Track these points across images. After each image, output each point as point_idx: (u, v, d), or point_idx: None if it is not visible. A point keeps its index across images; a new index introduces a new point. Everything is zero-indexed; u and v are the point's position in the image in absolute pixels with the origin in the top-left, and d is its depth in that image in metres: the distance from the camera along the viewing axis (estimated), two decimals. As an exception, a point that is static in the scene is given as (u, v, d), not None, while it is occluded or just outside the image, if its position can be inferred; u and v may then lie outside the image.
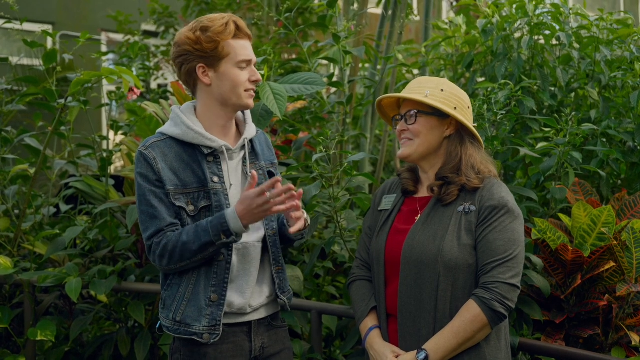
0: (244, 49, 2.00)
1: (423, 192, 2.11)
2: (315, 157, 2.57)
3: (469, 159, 2.03)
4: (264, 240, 2.09)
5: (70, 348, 3.35)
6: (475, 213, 1.97)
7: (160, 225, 1.95)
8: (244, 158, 2.08)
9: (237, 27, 1.99)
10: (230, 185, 2.03)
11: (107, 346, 3.16)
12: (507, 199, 1.98)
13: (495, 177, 2.06)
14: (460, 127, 2.05)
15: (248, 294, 2.03)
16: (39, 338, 2.92)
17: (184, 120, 2.01)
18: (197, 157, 2.00)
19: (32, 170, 3.33)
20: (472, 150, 2.05)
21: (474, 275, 1.94)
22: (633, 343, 2.29)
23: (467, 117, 2.06)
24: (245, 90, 2.01)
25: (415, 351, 1.92)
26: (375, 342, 2.04)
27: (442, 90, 2.04)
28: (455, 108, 2.03)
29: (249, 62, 2.01)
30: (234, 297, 2.01)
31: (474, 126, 2.09)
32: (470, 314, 1.89)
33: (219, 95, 2.01)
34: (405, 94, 2.08)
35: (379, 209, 2.18)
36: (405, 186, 2.14)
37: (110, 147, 3.48)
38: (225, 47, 1.97)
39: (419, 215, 2.06)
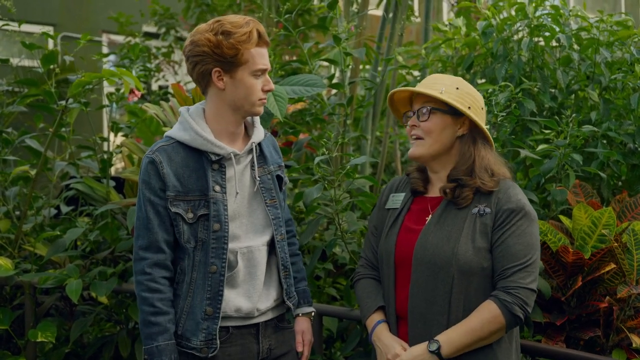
0: (262, 57, 1.98)
1: (434, 192, 2.06)
2: (317, 159, 2.57)
3: (482, 160, 1.99)
4: (271, 245, 2.09)
5: (70, 349, 3.35)
6: (490, 216, 1.93)
7: (151, 238, 1.97)
8: (252, 162, 2.07)
9: (259, 35, 1.97)
10: (237, 193, 2.02)
11: (108, 347, 3.16)
12: (524, 202, 1.94)
13: (510, 179, 2.01)
14: (473, 128, 2.01)
15: (255, 298, 2.03)
16: (39, 339, 2.92)
17: (192, 125, 1.99)
18: (202, 163, 1.99)
19: (33, 172, 3.33)
20: (484, 152, 2.01)
21: (487, 278, 1.92)
22: (634, 345, 2.28)
23: (480, 118, 2.01)
24: (259, 100, 2.00)
25: (427, 342, 1.89)
26: (383, 335, 2.01)
27: (457, 88, 1.99)
28: (469, 107, 1.98)
29: (264, 70, 1.99)
30: (242, 302, 2.01)
31: (487, 126, 2.07)
32: (490, 314, 1.86)
33: (232, 101, 1.99)
34: (420, 89, 2.02)
35: (386, 207, 2.14)
36: (414, 186, 2.09)
37: (111, 149, 3.49)
38: (245, 54, 1.94)
39: (430, 216, 2.01)
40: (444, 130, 1.99)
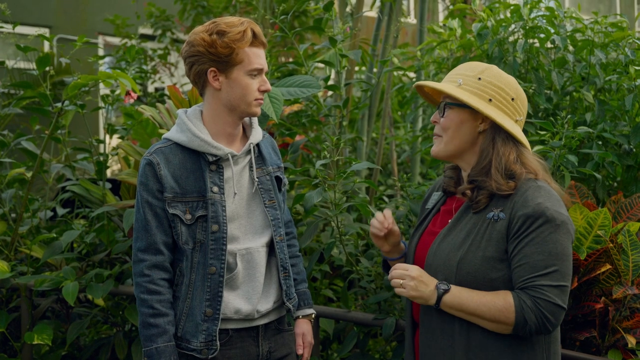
0: (257, 57, 1.98)
1: None
2: (318, 163, 2.58)
3: (501, 159, 1.81)
4: (271, 246, 2.09)
5: (67, 352, 3.35)
6: (504, 222, 1.76)
7: (150, 240, 1.97)
8: (250, 163, 2.08)
9: (254, 35, 1.97)
10: (235, 194, 2.03)
11: (104, 350, 3.16)
12: (545, 205, 1.73)
13: (537, 179, 1.81)
14: (495, 123, 1.82)
15: (255, 300, 2.03)
16: (35, 342, 2.91)
17: (189, 127, 2.00)
18: (200, 164, 1.99)
19: (29, 174, 3.33)
20: (505, 149, 1.81)
21: (498, 289, 1.77)
22: (629, 345, 2.29)
23: (506, 111, 1.83)
24: (255, 100, 2.00)
25: (437, 281, 1.80)
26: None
27: (479, 79, 1.84)
28: (490, 100, 1.82)
29: (260, 70, 2.00)
30: (241, 304, 2.01)
31: (519, 120, 1.86)
32: (504, 303, 1.72)
33: (228, 101, 1.99)
34: (442, 82, 1.90)
35: (426, 206, 2.06)
36: (445, 186, 1.98)
37: (107, 151, 3.48)
38: (240, 54, 1.95)
39: (451, 219, 1.89)
40: (461, 126, 1.85)
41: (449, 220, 1.91)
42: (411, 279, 1.79)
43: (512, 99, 1.85)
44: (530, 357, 1.79)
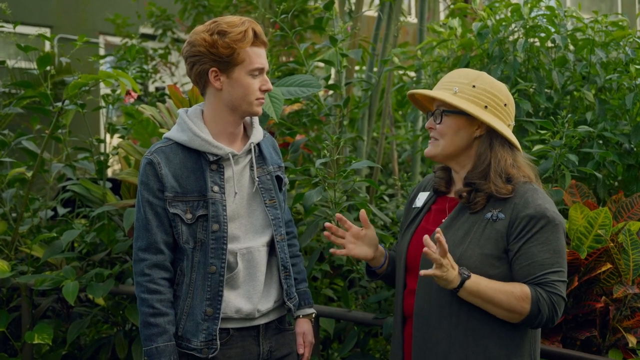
0: (258, 57, 1.98)
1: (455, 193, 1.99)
2: (318, 161, 2.57)
3: (499, 163, 1.88)
4: (271, 245, 2.09)
5: (67, 351, 3.35)
6: (504, 222, 1.83)
7: (150, 239, 1.97)
8: (251, 162, 2.08)
9: (255, 35, 1.97)
10: (235, 193, 2.03)
11: (105, 349, 3.16)
12: (545, 206, 1.82)
13: (531, 182, 1.90)
14: (491, 128, 1.90)
15: (256, 299, 2.03)
16: (36, 341, 2.92)
17: (190, 126, 2.00)
18: (201, 164, 2.00)
19: (29, 174, 3.33)
20: (502, 153, 1.90)
21: None
22: (630, 345, 2.29)
23: (500, 117, 1.91)
24: (256, 99, 2.00)
25: (458, 267, 1.80)
26: None
27: (473, 86, 1.90)
28: (485, 107, 1.89)
29: (261, 70, 2.00)
30: (242, 303, 2.01)
31: (511, 125, 1.95)
32: (522, 293, 1.77)
33: (229, 101, 1.99)
34: (435, 90, 1.95)
35: (413, 206, 2.10)
36: (436, 186, 2.03)
37: (108, 150, 3.48)
38: (241, 54, 1.95)
39: (445, 218, 1.95)
40: (458, 132, 1.91)
41: (443, 219, 1.96)
42: (447, 263, 1.78)
43: (505, 105, 1.93)
44: (521, 350, 1.87)
